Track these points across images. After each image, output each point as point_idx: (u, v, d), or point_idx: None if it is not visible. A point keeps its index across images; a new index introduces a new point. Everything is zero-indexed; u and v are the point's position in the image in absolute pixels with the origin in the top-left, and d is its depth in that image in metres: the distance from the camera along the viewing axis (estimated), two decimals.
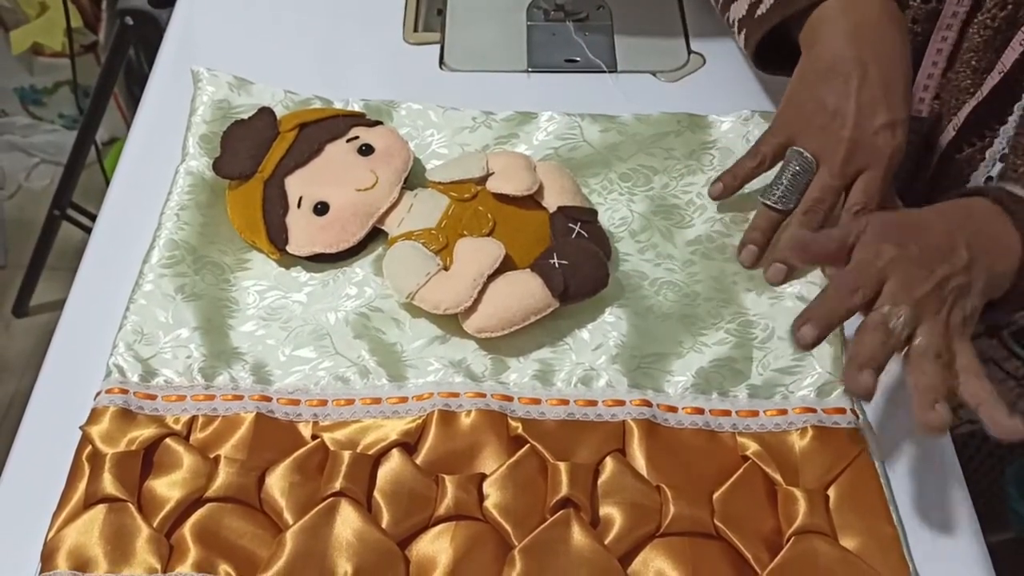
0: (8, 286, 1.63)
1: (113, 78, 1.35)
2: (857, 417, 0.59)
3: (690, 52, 0.82)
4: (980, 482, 0.94)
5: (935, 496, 0.57)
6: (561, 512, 0.54)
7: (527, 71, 0.80)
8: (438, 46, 0.82)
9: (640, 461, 0.57)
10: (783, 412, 0.59)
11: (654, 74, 0.80)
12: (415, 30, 0.83)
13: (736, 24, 0.74)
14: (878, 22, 0.66)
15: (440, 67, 0.81)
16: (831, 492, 0.56)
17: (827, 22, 0.67)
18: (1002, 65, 0.68)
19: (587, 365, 0.61)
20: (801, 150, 0.66)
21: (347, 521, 0.53)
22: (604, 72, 0.80)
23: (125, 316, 0.62)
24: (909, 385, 0.53)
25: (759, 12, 0.71)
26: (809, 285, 0.65)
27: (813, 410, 0.59)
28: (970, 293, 0.55)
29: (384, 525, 0.53)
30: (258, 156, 0.68)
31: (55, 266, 1.59)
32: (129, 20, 1.20)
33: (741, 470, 0.56)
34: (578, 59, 0.81)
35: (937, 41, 0.73)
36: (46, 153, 1.80)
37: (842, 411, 0.59)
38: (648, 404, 0.59)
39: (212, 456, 0.56)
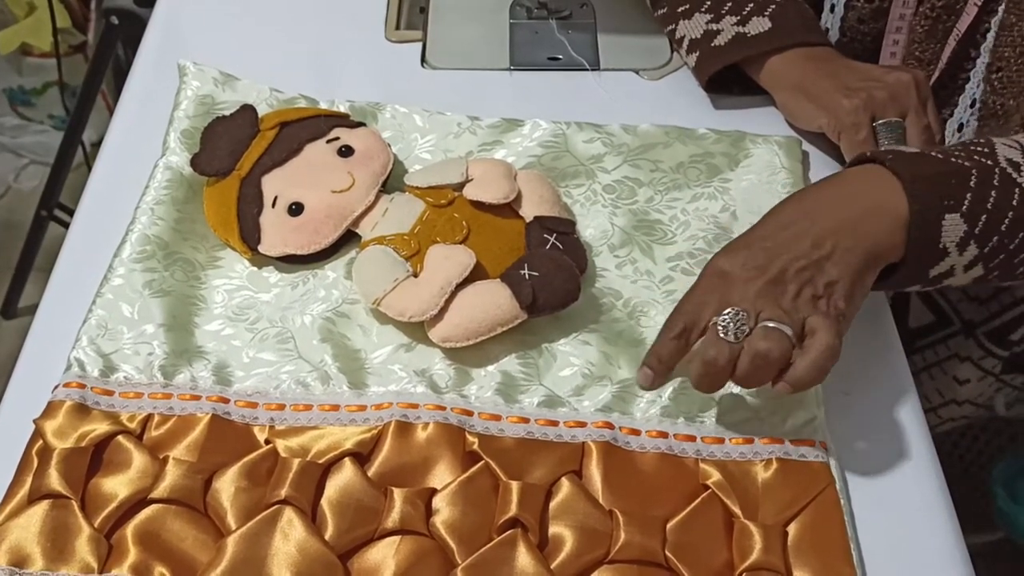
0: None
1: (99, 78, 1.35)
2: (826, 450, 0.57)
3: (673, 50, 0.81)
4: (967, 482, 0.93)
5: (914, 520, 0.56)
6: (508, 532, 0.53)
7: (509, 69, 0.79)
8: (420, 44, 0.81)
9: (596, 484, 0.55)
10: (749, 441, 0.57)
11: (637, 72, 0.79)
12: (397, 28, 0.83)
13: (687, 44, 0.75)
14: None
15: (422, 65, 0.80)
16: (792, 528, 0.54)
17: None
18: (941, 61, 0.70)
19: (552, 392, 0.59)
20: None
21: (289, 530, 0.52)
22: (587, 70, 0.79)
23: (91, 310, 0.62)
24: None
25: (717, 43, 0.72)
26: None
27: (781, 441, 0.57)
28: (823, 269, 0.55)
29: (328, 536, 0.52)
30: (237, 153, 0.68)
31: (43, 267, 1.59)
32: (115, 19, 1.21)
33: (699, 500, 0.55)
34: (561, 57, 0.80)
35: (889, 44, 0.73)
36: (35, 154, 1.81)
37: (811, 443, 0.57)
38: (610, 426, 0.57)
39: (162, 456, 0.55)
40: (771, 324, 0.53)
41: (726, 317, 0.53)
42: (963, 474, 0.96)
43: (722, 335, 0.53)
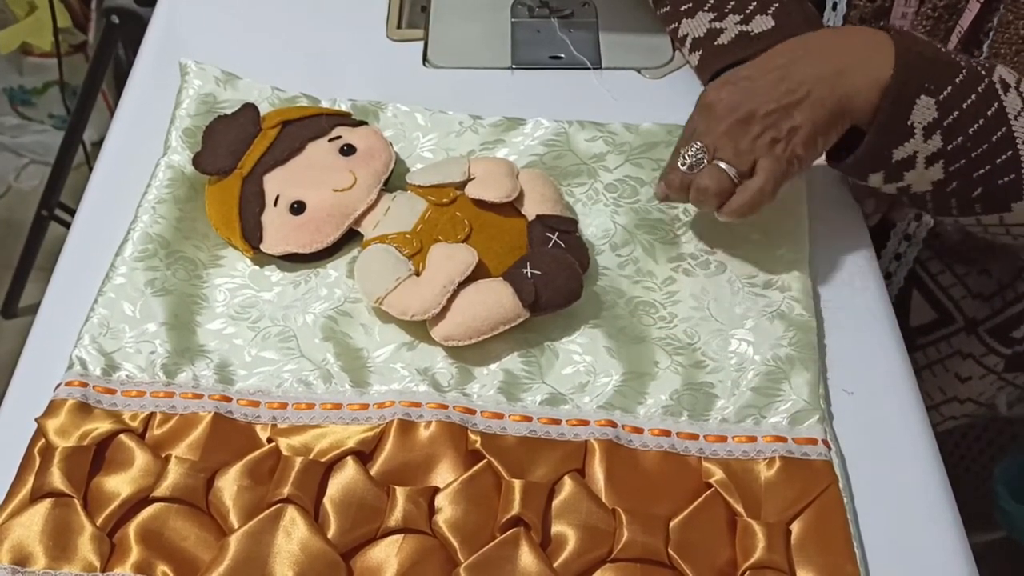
0: None
1: (100, 77, 1.35)
2: (829, 448, 0.57)
3: (675, 49, 0.81)
4: (969, 482, 0.93)
5: (916, 518, 0.55)
6: (511, 531, 0.52)
7: (511, 68, 0.79)
8: (422, 43, 0.81)
9: (599, 482, 0.55)
10: (752, 439, 0.57)
11: (639, 71, 0.79)
12: (399, 27, 0.83)
13: (689, 42, 0.75)
14: None
15: (424, 64, 0.80)
16: (795, 526, 0.54)
17: None
18: None
19: (555, 390, 0.59)
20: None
21: (292, 528, 0.52)
22: (589, 69, 0.79)
23: (93, 308, 0.62)
24: None
25: (720, 41, 0.73)
26: (792, 303, 0.63)
27: (783, 439, 0.57)
28: (790, 114, 0.60)
29: (330, 534, 0.52)
30: (238, 152, 0.68)
31: (44, 267, 1.59)
32: (115, 19, 1.20)
33: (702, 498, 0.55)
34: (562, 56, 0.80)
35: None
36: (35, 153, 1.80)
37: (813, 441, 0.57)
38: (613, 425, 0.57)
39: (164, 455, 0.55)
40: (721, 164, 0.60)
41: (690, 150, 0.61)
42: (965, 473, 0.96)
43: (680, 165, 0.62)
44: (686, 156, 0.61)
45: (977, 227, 0.65)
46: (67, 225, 1.52)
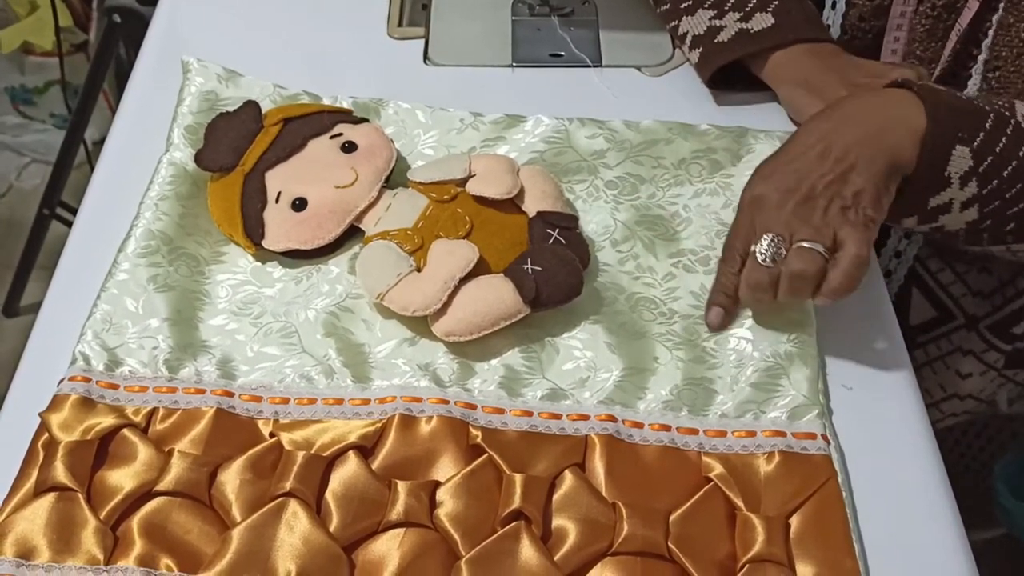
0: None
1: (101, 76, 1.35)
2: (828, 443, 0.57)
3: (675, 47, 0.81)
4: (968, 479, 0.93)
5: (916, 514, 0.56)
6: (512, 525, 0.53)
7: (512, 66, 0.79)
8: (422, 41, 0.81)
9: (600, 476, 0.55)
10: (752, 434, 0.58)
11: (639, 68, 0.80)
12: (399, 25, 0.83)
13: (690, 40, 0.76)
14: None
15: (424, 62, 0.80)
16: (794, 520, 0.54)
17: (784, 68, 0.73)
18: (942, 59, 0.70)
19: (555, 386, 0.60)
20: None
21: (294, 522, 0.52)
22: (589, 67, 0.79)
23: (96, 304, 0.62)
24: None
25: (720, 39, 0.73)
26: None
27: (783, 434, 0.57)
28: (848, 180, 0.58)
29: (332, 528, 0.53)
30: (240, 149, 0.68)
31: (45, 265, 1.59)
32: (117, 18, 1.20)
33: (702, 492, 0.55)
34: (563, 54, 0.81)
35: (890, 42, 0.74)
36: (37, 153, 1.81)
37: (812, 436, 0.57)
38: (613, 419, 0.58)
39: (167, 449, 0.55)
40: (805, 244, 0.58)
41: (763, 243, 0.59)
42: (965, 471, 0.96)
43: (761, 262, 0.58)
44: (761, 253, 0.58)
45: (1006, 252, 0.65)
46: (69, 224, 1.53)
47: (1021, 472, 0.93)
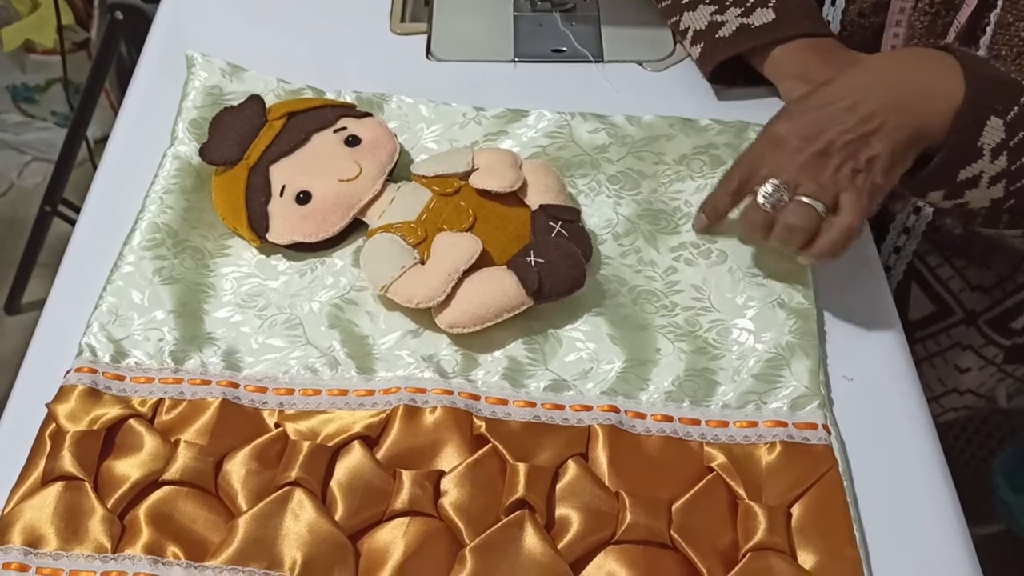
0: (0, 284, 1.64)
1: (104, 73, 1.36)
2: (829, 433, 0.58)
3: (676, 42, 0.81)
4: (968, 474, 0.94)
5: (916, 503, 0.56)
6: (515, 513, 0.53)
7: (514, 61, 0.80)
8: (425, 36, 0.82)
9: (602, 466, 0.56)
10: (753, 424, 0.58)
11: (641, 64, 0.80)
12: (402, 20, 0.83)
13: (691, 35, 0.76)
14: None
15: (427, 57, 0.80)
16: (795, 509, 0.55)
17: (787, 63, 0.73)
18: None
19: (558, 377, 0.60)
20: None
21: (300, 511, 0.53)
22: (591, 62, 0.80)
23: (102, 296, 0.62)
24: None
25: (721, 34, 0.73)
26: (792, 291, 0.64)
27: (784, 424, 0.58)
28: (868, 143, 0.59)
29: (338, 517, 0.53)
30: (245, 143, 0.68)
31: (47, 263, 1.59)
32: (119, 15, 1.20)
33: (704, 482, 0.55)
34: (565, 49, 0.81)
35: (889, 38, 0.74)
36: (38, 151, 1.81)
37: (813, 426, 0.58)
38: (616, 410, 0.58)
39: (173, 440, 0.56)
40: (805, 200, 0.58)
41: (768, 188, 0.59)
42: (964, 467, 0.96)
43: (761, 205, 0.59)
44: (764, 196, 0.59)
45: (1019, 238, 0.65)
46: (71, 221, 1.54)
47: (1020, 466, 0.94)
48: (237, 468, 0.55)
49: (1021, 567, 1.03)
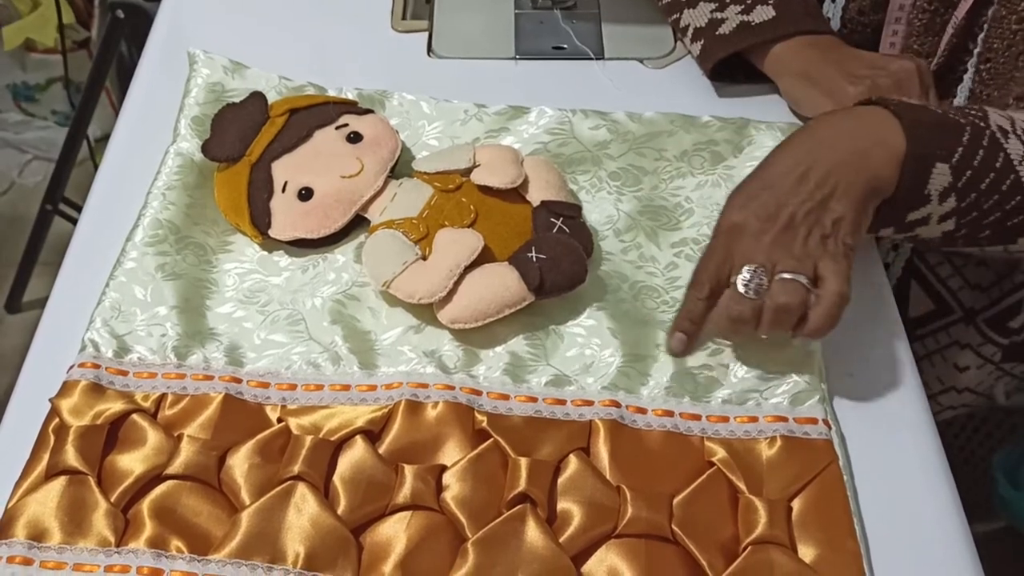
0: (1, 282, 1.64)
1: (105, 71, 1.36)
2: (829, 428, 0.58)
3: (676, 39, 0.82)
4: (968, 470, 0.94)
5: (916, 497, 0.56)
6: (517, 507, 0.53)
7: (515, 58, 0.80)
8: (426, 34, 0.82)
9: (604, 460, 0.56)
10: (754, 419, 0.58)
11: (641, 61, 0.80)
12: (403, 18, 0.84)
13: (691, 32, 0.76)
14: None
15: (428, 54, 0.81)
16: (796, 503, 0.55)
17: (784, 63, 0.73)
18: (939, 53, 0.70)
19: (560, 372, 0.60)
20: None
21: (303, 505, 0.53)
22: (591, 59, 0.80)
23: (104, 292, 0.63)
24: None
25: (721, 31, 0.74)
26: None
27: (784, 419, 0.58)
28: (828, 207, 0.57)
29: (340, 511, 0.53)
30: (247, 140, 0.69)
31: (48, 261, 1.59)
32: (120, 13, 1.21)
33: (705, 476, 0.56)
34: (565, 46, 0.81)
35: (889, 35, 0.74)
36: (39, 149, 1.81)
37: (814, 421, 0.58)
38: (617, 405, 0.58)
39: (176, 434, 0.56)
40: (787, 276, 0.56)
41: (746, 275, 0.57)
42: (963, 465, 0.97)
43: (744, 294, 0.57)
44: (744, 284, 0.57)
45: (1001, 252, 0.65)
46: (71, 220, 1.54)
47: (1020, 463, 0.94)
48: (240, 462, 0.55)
49: (1022, 565, 1.03)
